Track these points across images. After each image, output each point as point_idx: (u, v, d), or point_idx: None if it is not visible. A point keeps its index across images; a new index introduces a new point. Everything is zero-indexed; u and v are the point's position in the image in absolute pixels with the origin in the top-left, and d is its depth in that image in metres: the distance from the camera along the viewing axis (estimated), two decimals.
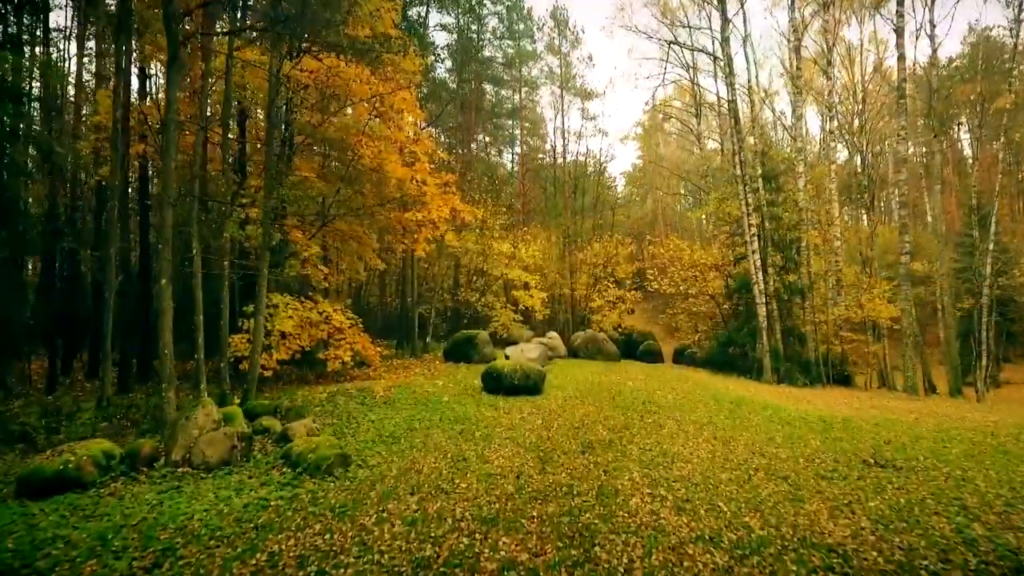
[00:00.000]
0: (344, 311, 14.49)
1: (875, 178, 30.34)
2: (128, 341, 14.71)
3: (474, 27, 26.53)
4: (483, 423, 8.96)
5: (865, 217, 34.82)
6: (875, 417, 11.80)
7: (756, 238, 18.09)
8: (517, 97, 37.76)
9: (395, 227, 16.68)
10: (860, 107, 29.28)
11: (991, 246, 21.84)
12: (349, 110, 14.99)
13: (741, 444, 8.22)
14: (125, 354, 14.41)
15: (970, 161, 34.43)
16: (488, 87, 35.38)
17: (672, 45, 21.62)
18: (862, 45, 30.24)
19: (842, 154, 33.77)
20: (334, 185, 15.17)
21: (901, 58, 16.60)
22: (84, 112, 19.32)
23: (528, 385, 11.66)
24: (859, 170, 30.21)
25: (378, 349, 14.47)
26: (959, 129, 46.85)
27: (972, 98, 28.75)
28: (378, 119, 14.79)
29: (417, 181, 15.66)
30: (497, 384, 11.69)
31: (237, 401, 10.92)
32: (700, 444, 8.06)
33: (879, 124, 33.31)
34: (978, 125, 28.24)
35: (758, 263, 17.98)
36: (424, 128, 19.44)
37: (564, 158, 34.74)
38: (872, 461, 7.49)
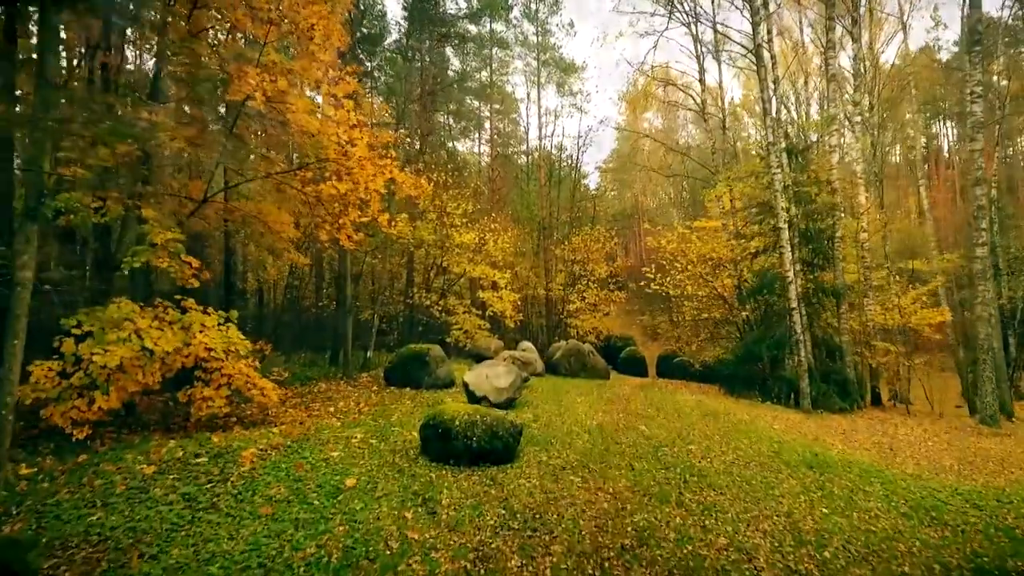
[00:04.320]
0: (226, 326, 9.62)
1: (883, 168, 27.24)
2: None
3: None
4: None
5: (868, 209, 31.75)
6: (1020, 484, 7.85)
7: (788, 225, 14.10)
8: (484, 73, 33.39)
9: (312, 203, 11.87)
10: (871, 84, 26.01)
11: None
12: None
13: None
14: None
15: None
16: (455, 61, 30.91)
17: None
18: (872, 12, 27.04)
19: (844, 138, 30.60)
20: (212, 143, 10.34)
21: None
22: None
23: (494, 448, 7.16)
24: (871, 156, 26.90)
25: (269, 384, 9.59)
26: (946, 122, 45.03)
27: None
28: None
29: (340, 138, 10.92)
30: (445, 445, 7.15)
31: None
32: None
33: (892, 108, 30.44)
34: (1000, 107, 25.36)
35: (790, 257, 14.01)
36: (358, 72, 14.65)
37: (540, 140, 30.43)
38: None
